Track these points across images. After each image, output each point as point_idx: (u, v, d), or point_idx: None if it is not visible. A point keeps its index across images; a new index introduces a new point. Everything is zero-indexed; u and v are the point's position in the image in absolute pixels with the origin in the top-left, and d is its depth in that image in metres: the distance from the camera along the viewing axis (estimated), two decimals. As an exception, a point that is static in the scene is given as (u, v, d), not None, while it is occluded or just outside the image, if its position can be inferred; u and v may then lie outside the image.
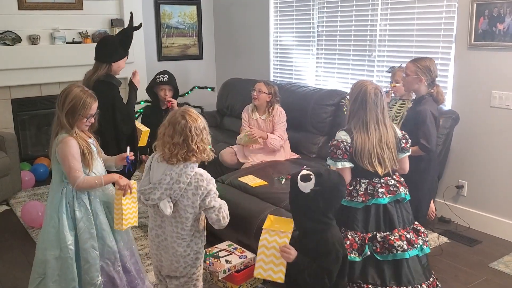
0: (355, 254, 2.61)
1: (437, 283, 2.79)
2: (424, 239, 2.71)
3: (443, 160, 3.78)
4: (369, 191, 2.65)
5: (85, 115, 2.50)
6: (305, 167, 2.33)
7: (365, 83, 2.68)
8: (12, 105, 5.17)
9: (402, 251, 2.59)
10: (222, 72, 6.49)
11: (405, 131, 2.81)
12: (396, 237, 2.61)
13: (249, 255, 3.04)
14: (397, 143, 2.69)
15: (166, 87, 4.02)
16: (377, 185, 2.65)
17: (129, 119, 3.59)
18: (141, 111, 4.41)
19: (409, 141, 2.75)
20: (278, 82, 5.31)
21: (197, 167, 2.26)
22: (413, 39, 4.18)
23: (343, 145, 2.61)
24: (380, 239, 2.62)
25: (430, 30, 4.05)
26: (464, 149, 3.94)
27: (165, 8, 6.15)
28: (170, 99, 3.99)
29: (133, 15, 3.75)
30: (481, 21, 3.67)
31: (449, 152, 3.86)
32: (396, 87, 3.58)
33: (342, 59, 4.90)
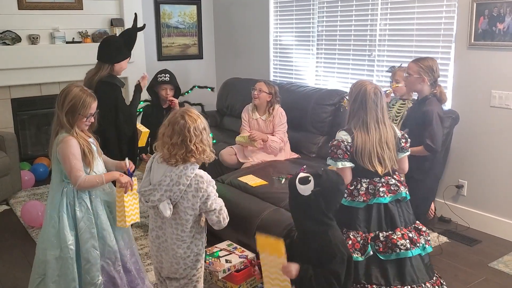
0: (357, 254, 2.61)
1: (441, 281, 2.79)
2: (426, 238, 2.71)
3: (443, 159, 3.77)
4: (370, 191, 2.66)
5: (84, 115, 2.51)
6: (304, 167, 2.32)
7: (365, 83, 2.69)
8: (12, 105, 5.16)
9: (405, 250, 2.59)
10: (222, 71, 6.48)
11: (407, 131, 2.81)
12: (398, 236, 2.62)
13: (249, 254, 3.04)
14: (396, 142, 2.69)
15: (167, 86, 4.01)
16: (378, 184, 2.65)
17: (131, 120, 3.59)
18: (141, 110, 4.41)
19: (409, 140, 2.76)
20: (278, 82, 5.30)
21: (198, 168, 2.25)
22: (413, 39, 4.18)
23: (343, 145, 2.61)
24: (382, 239, 2.62)
25: (430, 29, 4.05)
26: (464, 149, 3.94)
27: (165, 7, 6.14)
28: (171, 98, 3.99)
29: (137, 16, 3.74)
30: (481, 20, 3.67)
31: (449, 152, 3.86)
32: (397, 87, 3.58)
33: (342, 59, 4.89)
